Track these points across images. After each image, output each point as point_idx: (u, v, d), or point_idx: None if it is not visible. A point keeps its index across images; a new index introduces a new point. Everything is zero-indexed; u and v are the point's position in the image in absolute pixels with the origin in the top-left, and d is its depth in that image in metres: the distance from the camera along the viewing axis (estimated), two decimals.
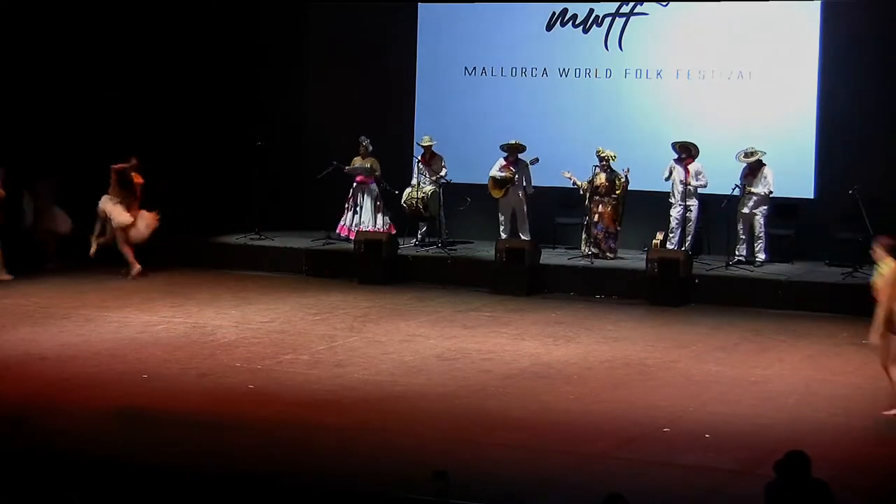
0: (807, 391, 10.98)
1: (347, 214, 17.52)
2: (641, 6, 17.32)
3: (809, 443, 9.20)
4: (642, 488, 8.02)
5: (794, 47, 16.63)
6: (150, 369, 11.40)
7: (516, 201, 16.89)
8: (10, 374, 11.12)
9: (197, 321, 13.62)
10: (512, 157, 16.80)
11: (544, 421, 9.94)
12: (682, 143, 16.06)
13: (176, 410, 10.07)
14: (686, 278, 15.15)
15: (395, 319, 13.92)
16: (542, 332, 13.31)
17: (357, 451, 9.11)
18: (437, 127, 17.74)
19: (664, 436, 9.56)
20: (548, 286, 15.80)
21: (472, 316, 14.22)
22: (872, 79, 16.22)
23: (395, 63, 18.49)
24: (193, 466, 8.64)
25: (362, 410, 10.17)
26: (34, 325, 13.24)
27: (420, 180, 17.24)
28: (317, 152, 18.45)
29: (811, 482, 6.56)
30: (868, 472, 8.78)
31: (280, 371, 11.46)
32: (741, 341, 12.98)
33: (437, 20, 18.39)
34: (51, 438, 9.18)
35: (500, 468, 8.73)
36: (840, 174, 16.03)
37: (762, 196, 15.81)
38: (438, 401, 10.49)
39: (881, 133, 16.23)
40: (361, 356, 12.07)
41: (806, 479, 6.54)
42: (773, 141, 16.14)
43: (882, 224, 15.15)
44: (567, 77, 17.74)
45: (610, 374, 11.57)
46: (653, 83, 17.34)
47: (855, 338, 13.07)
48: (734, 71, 16.92)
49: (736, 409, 10.28)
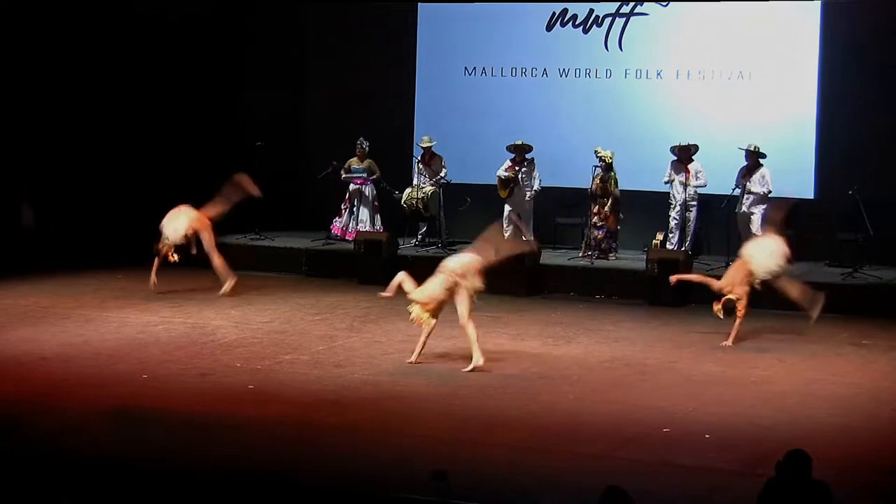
0: (806, 391, 10.98)
1: (344, 215, 17.53)
2: (641, 6, 17.33)
3: (809, 443, 9.17)
4: (642, 488, 7.99)
5: (795, 47, 16.64)
6: (150, 369, 11.40)
7: (521, 201, 16.89)
8: (10, 374, 11.11)
9: (197, 321, 13.63)
10: (518, 157, 16.80)
11: (544, 421, 9.94)
12: (682, 146, 16.08)
13: (176, 410, 10.07)
14: None
15: (394, 319, 13.89)
16: (541, 333, 13.31)
17: (357, 451, 9.11)
18: (436, 127, 17.75)
19: (664, 436, 9.56)
20: (548, 286, 15.80)
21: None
22: (872, 79, 16.23)
23: (395, 63, 18.50)
24: (194, 467, 8.64)
25: (362, 410, 10.17)
26: (34, 325, 13.24)
27: (420, 181, 17.25)
28: (316, 152, 18.46)
29: (812, 483, 6.55)
30: (868, 473, 8.77)
31: (280, 371, 11.46)
32: (741, 342, 12.97)
33: (437, 20, 18.40)
34: (50, 438, 9.18)
35: (499, 468, 8.72)
36: (840, 174, 16.04)
37: (760, 196, 15.82)
38: (438, 401, 10.49)
39: (881, 133, 16.24)
40: (361, 356, 12.07)
41: (806, 480, 6.53)
42: (774, 141, 16.15)
43: (882, 225, 15.22)
44: (567, 77, 17.75)
45: (610, 374, 11.58)
46: (653, 83, 17.36)
47: (855, 338, 13.11)
48: (734, 71, 16.94)
49: (736, 410, 10.28)
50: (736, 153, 15.86)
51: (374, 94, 18.55)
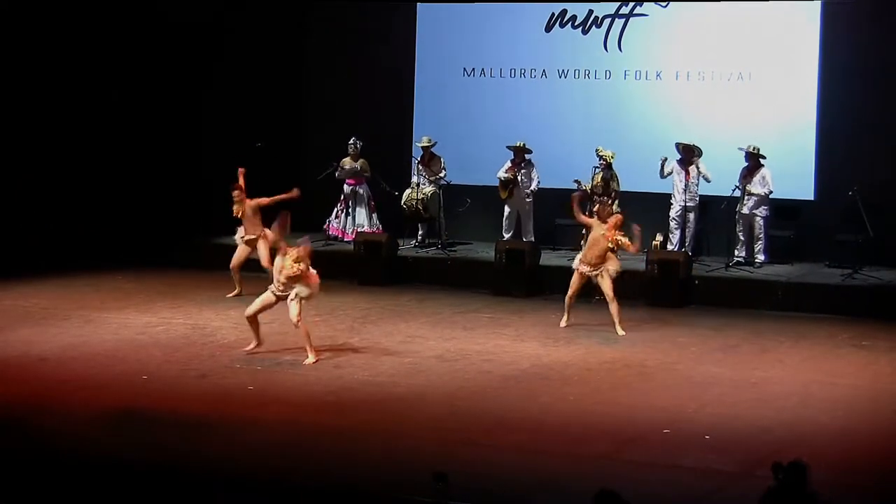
0: (807, 393, 10.98)
1: (341, 216, 17.52)
2: (641, 7, 17.31)
3: (809, 444, 9.23)
4: (642, 490, 8.01)
5: (795, 48, 16.62)
6: (150, 370, 11.40)
7: (521, 203, 16.89)
8: (10, 375, 11.11)
9: (197, 322, 13.62)
10: (518, 158, 16.80)
11: (544, 422, 9.95)
12: (686, 144, 16.07)
13: (176, 412, 10.07)
14: (686, 279, 15.16)
15: (394, 321, 13.92)
16: (541, 334, 13.31)
17: (357, 452, 9.11)
18: (436, 128, 17.73)
19: (664, 437, 9.56)
20: (547, 287, 15.79)
21: (472, 317, 14.22)
22: (872, 80, 16.21)
23: (394, 63, 18.48)
24: (194, 468, 8.64)
25: (362, 412, 10.17)
26: (34, 327, 13.24)
27: (419, 181, 17.24)
28: (316, 153, 18.43)
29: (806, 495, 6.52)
30: (868, 474, 8.77)
31: (280, 372, 11.47)
32: (741, 343, 12.97)
33: (436, 21, 18.38)
34: (50, 439, 9.18)
35: (499, 469, 8.73)
36: (840, 175, 16.02)
37: (762, 196, 15.82)
38: (438, 402, 10.50)
39: (881, 134, 16.22)
40: (361, 358, 12.07)
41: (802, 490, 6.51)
42: (773, 142, 16.13)
43: (882, 225, 15.21)
44: (566, 78, 17.73)
45: (610, 375, 11.57)
46: (652, 84, 17.34)
47: (855, 339, 13.10)
48: (734, 72, 16.91)
49: (736, 411, 10.28)
50: (736, 154, 15.85)
51: (374, 94, 18.52)
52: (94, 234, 17.27)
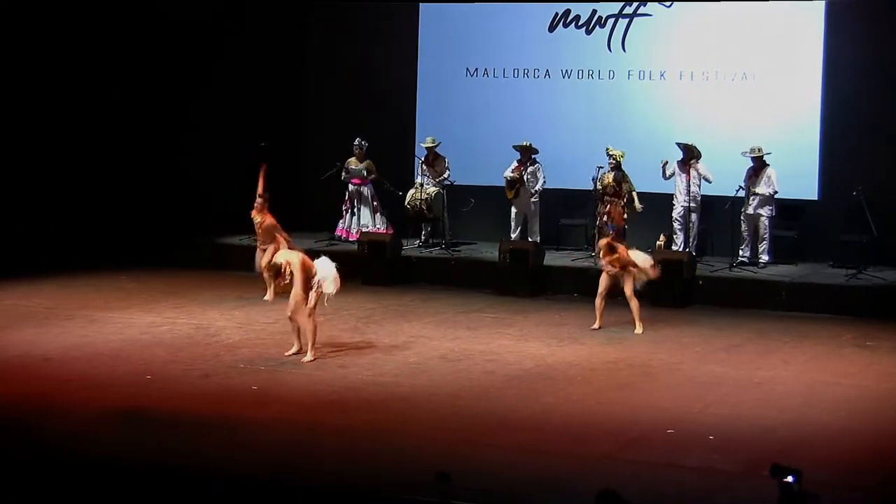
0: (810, 393, 10.97)
1: (346, 216, 17.52)
2: (644, 7, 17.30)
3: (812, 445, 9.23)
4: (646, 489, 8.01)
5: (798, 48, 16.61)
6: (154, 370, 11.41)
7: (526, 202, 16.89)
8: (14, 374, 11.13)
9: (200, 322, 13.63)
10: (524, 158, 16.79)
11: (548, 422, 9.94)
12: (685, 144, 16.06)
13: (179, 411, 10.07)
14: (690, 280, 15.15)
15: (398, 320, 13.92)
16: (545, 334, 13.30)
17: (360, 452, 9.11)
18: (438, 128, 17.72)
19: (668, 437, 9.55)
20: (551, 287, 15.79)
21: (476, 317, 14.22)
22: (876, 79, 16.20)
23: (397, 64, 18.47)
24: (197, 468, 8.64)
25: (366, 411, 10.17)
26: (38, 326, 13.24)
27: (423, 181, 17.24)
28: (318, 153, 18.43)
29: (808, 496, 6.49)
30: (871, 475, 8.76)
31: (284, 372, 11.47)
32: (745, 343, 12.97)
33: (438, 21, 18.38)
34: (53, 439, 9.18)
35: (503, 469, 8.72)
36: (844, 176, 16.00)
37: (767, 196, 15.81)
38: (442, 402, 10.49)
39: (885, 134, 16.20)
40: (365, 357, 12.07)
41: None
42: (777, 142, 16.12)
43: (886, 225, 15.20)
44: (570, 78, 17.72)
45: (613, 375, 11.57)
46: (656, 84, 17.33)
47: (859, 339, 13.09)
48: (738, 72, 16.90)
49: (739, 411, 10.27)
50: (739, 154, 15.85)
51: (376, 94, 18.52)
52: (95, 234, 17.28)
